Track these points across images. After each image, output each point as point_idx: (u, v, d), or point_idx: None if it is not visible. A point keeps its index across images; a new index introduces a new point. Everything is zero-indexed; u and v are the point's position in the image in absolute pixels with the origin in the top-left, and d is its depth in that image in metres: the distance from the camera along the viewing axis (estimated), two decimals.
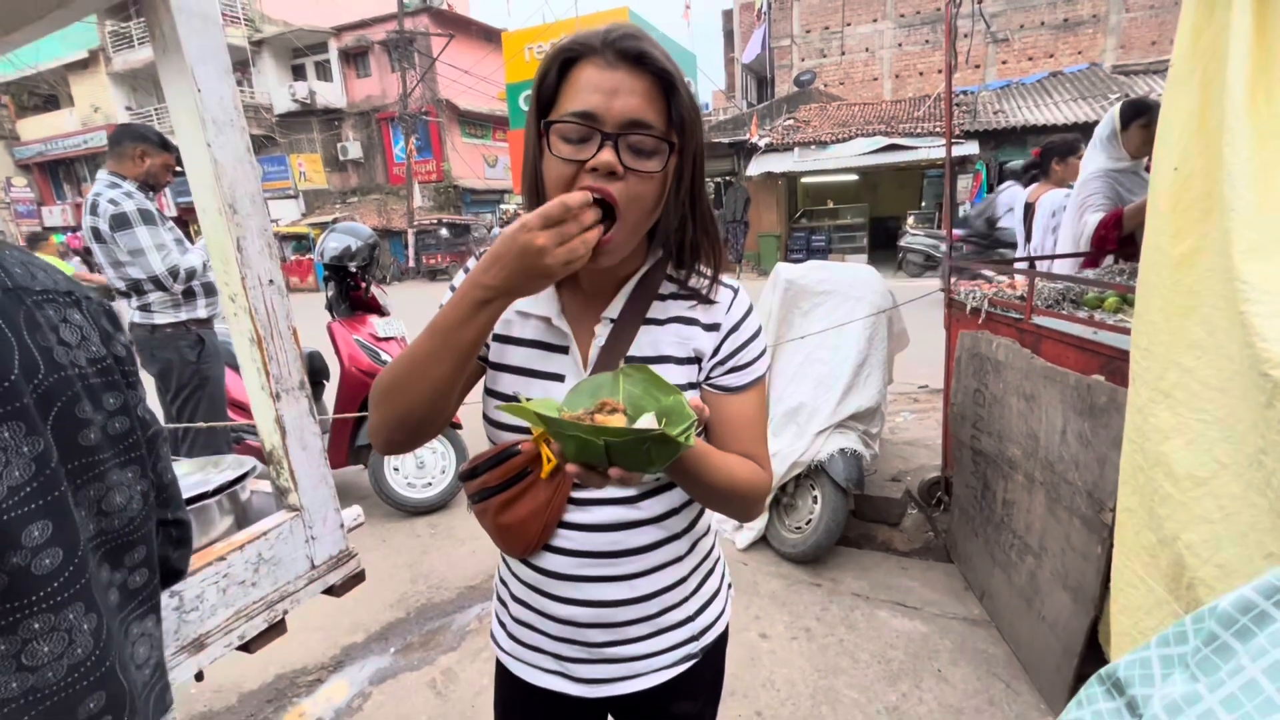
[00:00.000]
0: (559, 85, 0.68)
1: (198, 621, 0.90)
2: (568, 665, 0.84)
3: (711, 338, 0.78)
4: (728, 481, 0.73)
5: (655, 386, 0.65)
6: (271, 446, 1.03)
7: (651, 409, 0.63)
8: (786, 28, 19.18)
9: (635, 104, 0.66)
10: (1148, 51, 15.80)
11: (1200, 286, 1.05)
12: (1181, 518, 1.08)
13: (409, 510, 3.34)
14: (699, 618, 0.86)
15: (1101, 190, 2.51)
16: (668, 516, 0.81)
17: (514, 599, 0.87)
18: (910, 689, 1.98)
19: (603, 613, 0.80)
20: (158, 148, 2.70)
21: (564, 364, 0.77)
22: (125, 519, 0.60)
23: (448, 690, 2.10)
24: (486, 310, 0.65)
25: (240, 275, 0.95)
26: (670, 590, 0.83)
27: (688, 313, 0.78)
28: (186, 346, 2.75)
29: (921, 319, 3.28)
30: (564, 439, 0.58)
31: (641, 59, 0.66)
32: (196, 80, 0.88)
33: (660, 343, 0.77)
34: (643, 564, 0.80)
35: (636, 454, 0.57)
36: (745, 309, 0.81)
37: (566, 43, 0.68)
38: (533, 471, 0.75)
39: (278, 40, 20.85)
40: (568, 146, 0.67)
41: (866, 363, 2.77)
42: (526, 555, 0.80)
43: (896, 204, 16.07)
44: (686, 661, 0.85)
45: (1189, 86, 1.07)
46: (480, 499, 0.77)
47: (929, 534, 2.82)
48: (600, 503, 0.78)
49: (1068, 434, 1.83)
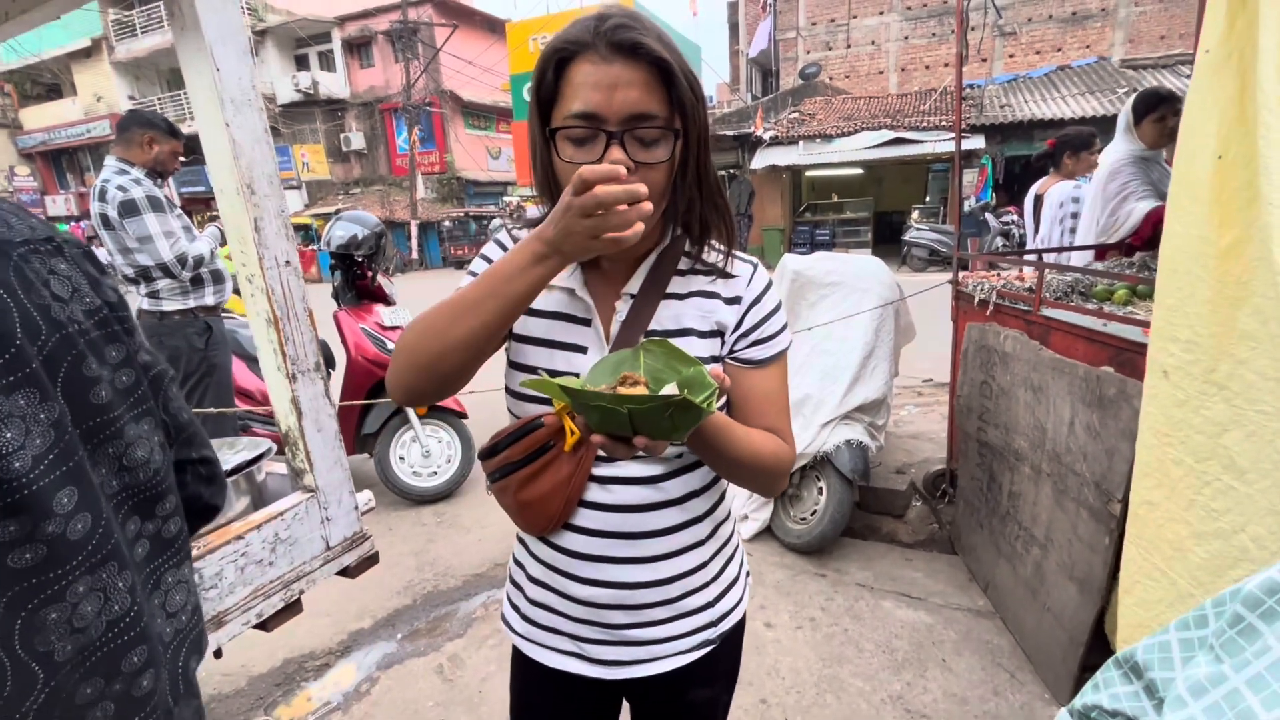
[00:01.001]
0: (557, 84, 0.68)
1: (216, 599, 0.91)
2: (585, 646, 0.84)
3: (734, 311, 0.79)
4: (751, 454, 0.74)
5: (676, 359, 0.66)
6: (288, 428, 1.03)
7: (672, 380, 0.64)
8: (792, 20, 19.05)
9: (635, 96, 0.66)
10: (1156, 46, 15.68)
11: (1249, 277, 1.03)
12: (1247, 511, 1.07)
13: (415, 499, 3.35)
14: (719, 603, 0.87)
15: (1139, 176, 2.48)
16: (690, 498, 0.81)
17: (532, 580, 0.87)
18: (915, 678, 1.99)
19: (624, 594, 0.80)
20: (166, 134, 2.69)
21: (586, 336, 0.78)
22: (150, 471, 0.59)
23: (454, 676, 2.12)
24: (542, 266, 0.65)
25: (258, 256, 0.95)
26: (692, 574, 0.83)
27: (708, 287, 0.79)
28: (194, 334, 2.76)
29: (926, 312, 3.28)
30: (588, 410, 0.60)
31: (637, 49, 0.65)
32: (215, 59, 0.88)
33: (683, 316, 0.78)
34: (665, 546, 0.80)
35: (660, 421, 0.58)
36: (765, 283, 0.82)
37: (559, 41, 0.68)
38: (556, 445, 0.75)
39: (281, 30, 20.77)
40: (576, 150, 0.68)
41: (873, 354, 2.77)
42: (547, 533, 0.80)
43: (901, 198, 16.01)
44: (705, 647, 0.86)
45: (1227, 72, 1.05)
46: (501, 475, 0.78)
47: (933, 526, 2.83)
48: (623, 482, 0.78)
49: (1076, 425, 1.83)
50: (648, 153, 0.68)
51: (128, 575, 0.55)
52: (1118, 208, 2.52)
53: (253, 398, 3.28)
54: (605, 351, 0.76)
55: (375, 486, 3.36)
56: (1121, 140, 2.55)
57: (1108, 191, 2.55)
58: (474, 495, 3.49)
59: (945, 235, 12.06)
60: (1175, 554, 1.19)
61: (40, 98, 24.32)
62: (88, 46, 21.79)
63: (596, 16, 0.67)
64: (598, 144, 0.67)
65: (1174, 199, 1.19)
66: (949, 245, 11.68)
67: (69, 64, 22.66)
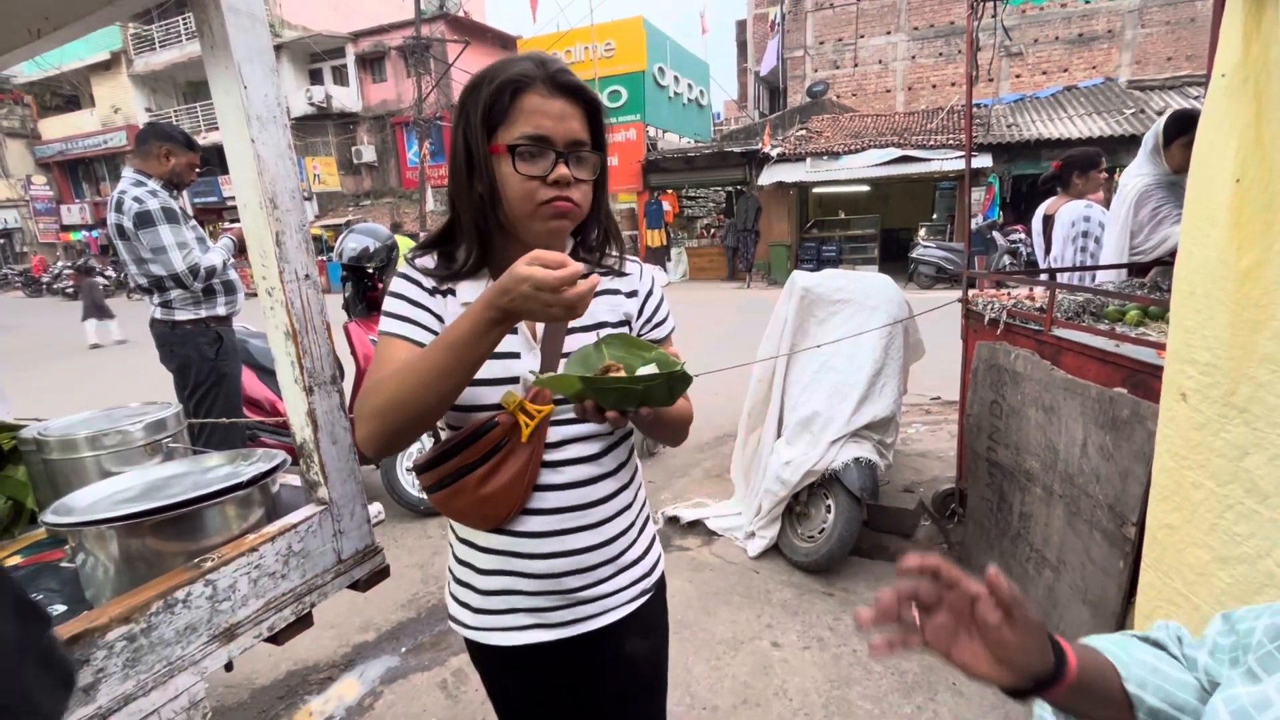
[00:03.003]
0: (509, 111, 0.80)
1: (230, 611, 0.91)
2: (544, 615, 0.93)
3: (634, 303, 0.96)
4: (675, 414, 0.90)
5: (636, 346, 0.82)
6: (303, 440, 1.03)
7: (639, 364, 0.78)
8: (800, 39, 19.25)
9: (576, 127, 0.82)
10: (1163, 67, 15.74)
11: (1268, 299, 1.03)
12: (1272, 535, 1.06)
13: (421, 511, 3.35)
14: (647, 555, 1.01)
15: (1170, 200, 2.48)
16: (620, 469, 0.95)
17: (483, 573, 0.93)
18: (925, 702, 1.96)
19: (577, 560, 0.91)
20: (183, 147, 2.73)
21: (515, 342, 0.87)
22: None
23: (458, 691, 2.10)
24: (499, 329, 0.73)
25: (278, 269, 0.96)
26: (626, 533, 0.96)
27: (611, 285, 0.94)
28: (205, 343, 2.78)
29: (934, 330, 3.27)
30: (604, 393, 0.73)
31: (579, 90, 0.83)
32: (243, 77, 0.90)
33: (596, 313, 0.91)
34: (607, 511, 0.93)
35: (663, 392, 0.73)
36: (652, 278, 1.00)
37: (512, 73, 0.80)
38: (511, 440, 0.83)
39: (296, 45, 21.11)
40: (528, 164, 0.80)
41: (882, 372, 2.76)
42: (506, 522, 0.87)
43: (908, 216, 16.04)
44: (642, 596, 0.99)
45: (1243, 96, 1.06)
46: (456, 479, 0.83)
47: (942, 546, 2.80)
48: (572, 463, 0.89)
49: (1088, 447, 1.82)
50: (583, 170, 0.84)
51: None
52: (1153, 231, 2.53)
53: (262, 408, 3.30)
54: (535, 351, 0.87)
55: (381, 498, 3.36)
56: (1148, 163, 2.56)
57: (1140, 216, 2.56)
58: None
59: (952, 253, 12.05)
60: (1198, 579, 1.17)
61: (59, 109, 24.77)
62: (107, 60, 22.21)
63: (537, 60, 0.82)
64: (545, 160, 0.81)
65: (1190, 221, 1.19)
66: (956, 263, 11.68)
67: (88, 76, 23.08)
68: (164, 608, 0.86)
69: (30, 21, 1.09)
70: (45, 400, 6.25)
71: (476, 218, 0.85)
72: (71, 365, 8.64)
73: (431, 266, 0.88)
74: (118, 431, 1.22)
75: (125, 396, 1.96)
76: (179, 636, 0.87)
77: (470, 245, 0.87)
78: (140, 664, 0.83)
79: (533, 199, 0.81)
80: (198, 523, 0.96)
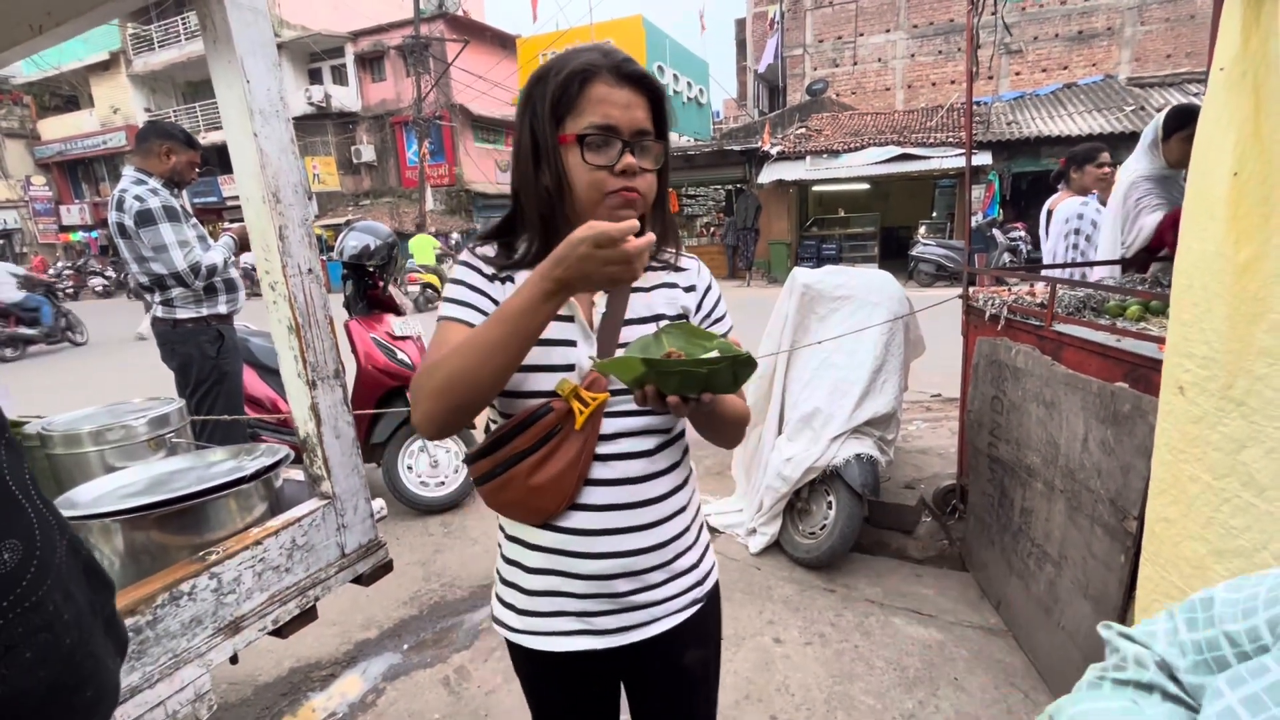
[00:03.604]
0: (577, 99, 0.80)
1: (235, 604, 0.91)
2: (593, 620, 0.89)
3: (692, 297, 0.95)
4: (733, 410, 0.89)
5: (697, 335, 0.81)
6: (306, 434, 1.04)
7: (700, 353, 0.76)
8: (799, 37, 19.22)
9: (641, 116, 0.82)
10: (1162, 64, 15.73)
11: (1265, 293, 1.03)
12: (1268, 528, 1.06)
13: (422, 509, 3.35)
14: (701, 563, 0.97)
15: (1154, 191, 2.48)
16: (674, 468, 0.92)
17: (531, 572, 0.90)
18: (927, 697, 1.97)
19: (629, 561, 0.87)
20: (184, 145, 2.73)
21: (571, 330, 0.86)
22: None
23: (460, 688, 2.10)
24: (552, 302, 0.73)
25: (281, 263, 0.96)
26: (681, 537, 0.93)
27: (668, 279, 0.94)
28: (207, 341, 2.78)
29: (934, 327, 3.27)
30: (667, 377, 0.71)
31: (643, 79, 0.82)
32: (245, 71, 0.90)
33: (653, 304, 0.91)
34: (660, 513, 0.90)
35: (727, 377, 0.71)
36: (709, 274, 0.99)
37: (579, 63, 0.80)
38: (564, 427, 0.82)
39: (295, 44, 21.09)
40: (596, 154, 0.81)
41: (883, 368, 2.76)
42: (555, 515, 0.85)
43: (907, 214, 16.03)
44: (694, 605, 0.95)
45: (1242, 89, 1.06)
46: (506, 468, 0.82)
47: (944, 542, 2.80)
48: (623, 457, 0.86)
49: (1089, 441, 1.82)
50: (647, 159, 0.83)
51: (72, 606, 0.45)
52: (1133, 224, 2.53)
53: (263, 406, 3.30)
54: (591, 340, 0.86)
55: (383, 496, 3.36)
56: (1143, 157, 2.55)
57: (1126, 207, 2.56)
58: (481, 506, 3.49)
59: (952, 250, 12.06)
60: (1194, 572, 1.18)
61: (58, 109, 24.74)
62: (106, 60, 22.18)
63: (602, 50, 0.82)
64: (613, 149, 0.80)
65: (1189, 215, 1.19)
66: (956, 260, 11.68)
67: (87, 76, 23.06)
68: (169, 600, 0.86)
69: (32, 17, 1.09)
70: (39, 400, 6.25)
71: (542, 209, 0.85)
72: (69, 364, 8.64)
73: (492, 255, 0.89)
74: (122, 427, 1.22)
75: (126, 395, 1.97)
76: (184, 629, 0.87)
77: (533, 237, 0.86)
78: (146, 656, 0.84)
79: (600, 189, 0.81)
80: (202, 516, 0.97)
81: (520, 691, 1.02)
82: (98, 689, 0.45)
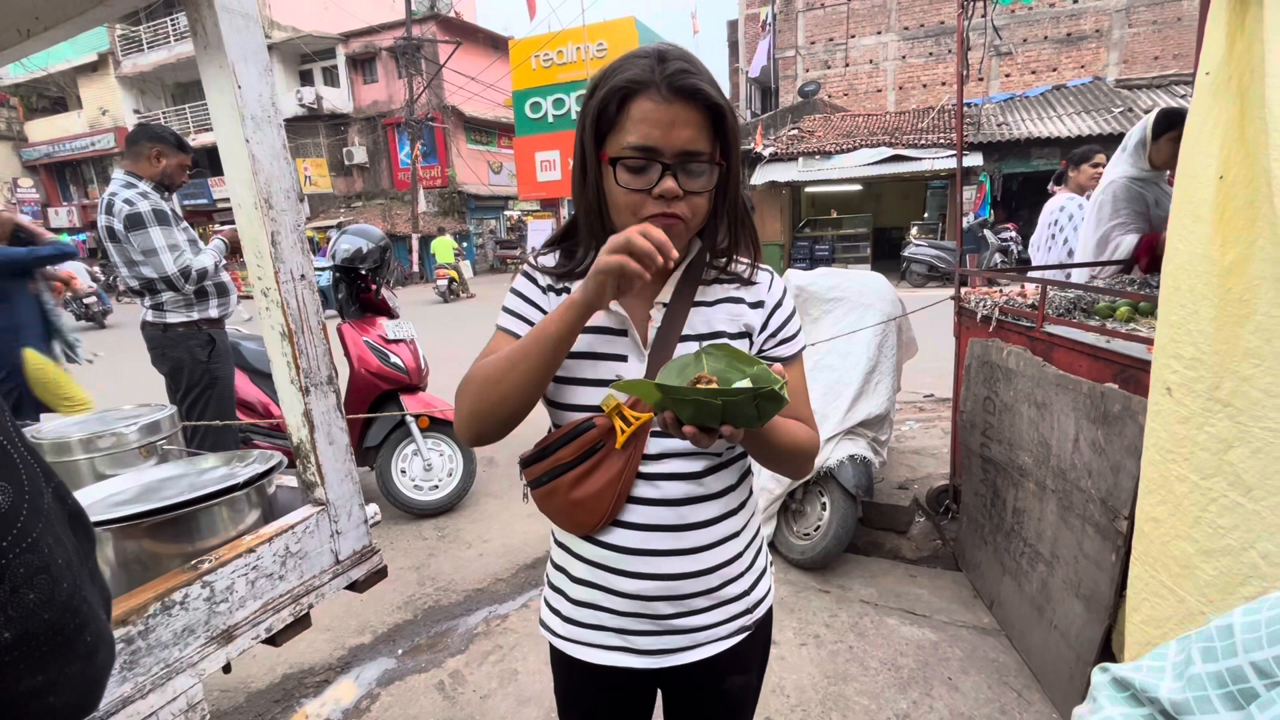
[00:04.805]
0: (618, 117, 0.76)
1: (227, 613, 0.90)
2: (632, 639, 0.88)
3: (759, 314, 0.88)
4: (791, 440, 0.82)
5: (738, 359, 0.73)
6: (299, 440, 1.03)
7: (737, 379, 0.71)
8: (791, 39, 19.30)
9: (689, 135, 0.74)
10: (1150, 66, 15.89)
11: (1251, 295, 1.04)
12: (1255, 528, 1.07)
13: (416, 513, 3.34)
14: (753, 591, 0.92)
15: (1128, 203, 2.46)
16: (727, 492, 0.87)
17: (576, 581, 0.89)
18: (921, 697, 1.97)
19: (670, 585, 0.84)
20: (174, 148, 2.72)
21: (624, 345, 0.83)
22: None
23: (455, 693, 2.10)
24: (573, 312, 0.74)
25: (274, 269, 0.96)
26: (730, 564, 0.88)
27: (734, 293, 0.87)
28: (198, 346, 2.76)
29: (927, 328, 3.29)
30: (682, 405, 0.66)
31: (696, 93, 0.74)
32: (237, 77, 0.89)
33: (713, 321, 0.85)
34: (707, 538, 0.85)
35: (748, 411, 0.65)
36: (783, 289, 0.91)
37: (623, 79, 0.74)
38: (606, 444, 0.80)
39: (286, 46, 21.00)
40: (633, 177, 0.76)
41: (876, 370, 2.77)
42: (596, 530, 0.84)
43: (899, 214, 16.12)
44: (741, 633, 0.91)
45: (1227, 94, 1.08)
46: (550, 479, 0.82)
47: (937, 542, 2.82)
48: (669, 478, 0.83)
49: (1080, 442, 1.84)
50: (694, 182, 0.77)
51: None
52: (1107, 235, 2.53)
53: (254, 410, 3.28)
54: (644, 357, 0.82)
55: (376, 500, 3.34)
56: (1125, 160, 2.54)
57: (1101, 213, 2.57)
58: (475, 510, 3.48)
59: (944, 251, 12.13)
60: (1183, 571, 1.19)
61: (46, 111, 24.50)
62: (94, 61, 22.01)
63: (656, 57, 0.75)
64: (652, 173, 0.75)
65: (1176, 218, 1.20)
66: (948, 261, 11.75)
67: (75, 78, 22.86)
68: (161, 609, 0.85)
69: (20, 21, 1.08)
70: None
71: (591, 221, 0.83)
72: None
73: (551, 265, 0.88)
74: (112, 434, 1.21)
75: (116, 400, 1.95)
76: (176, 638, 0.87)
77: (588, 245, 0.85)
78: (138, 666, 0.83)
79: (636, 213, 0.77)
80: (194, 524, 0.96)
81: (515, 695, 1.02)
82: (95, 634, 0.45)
